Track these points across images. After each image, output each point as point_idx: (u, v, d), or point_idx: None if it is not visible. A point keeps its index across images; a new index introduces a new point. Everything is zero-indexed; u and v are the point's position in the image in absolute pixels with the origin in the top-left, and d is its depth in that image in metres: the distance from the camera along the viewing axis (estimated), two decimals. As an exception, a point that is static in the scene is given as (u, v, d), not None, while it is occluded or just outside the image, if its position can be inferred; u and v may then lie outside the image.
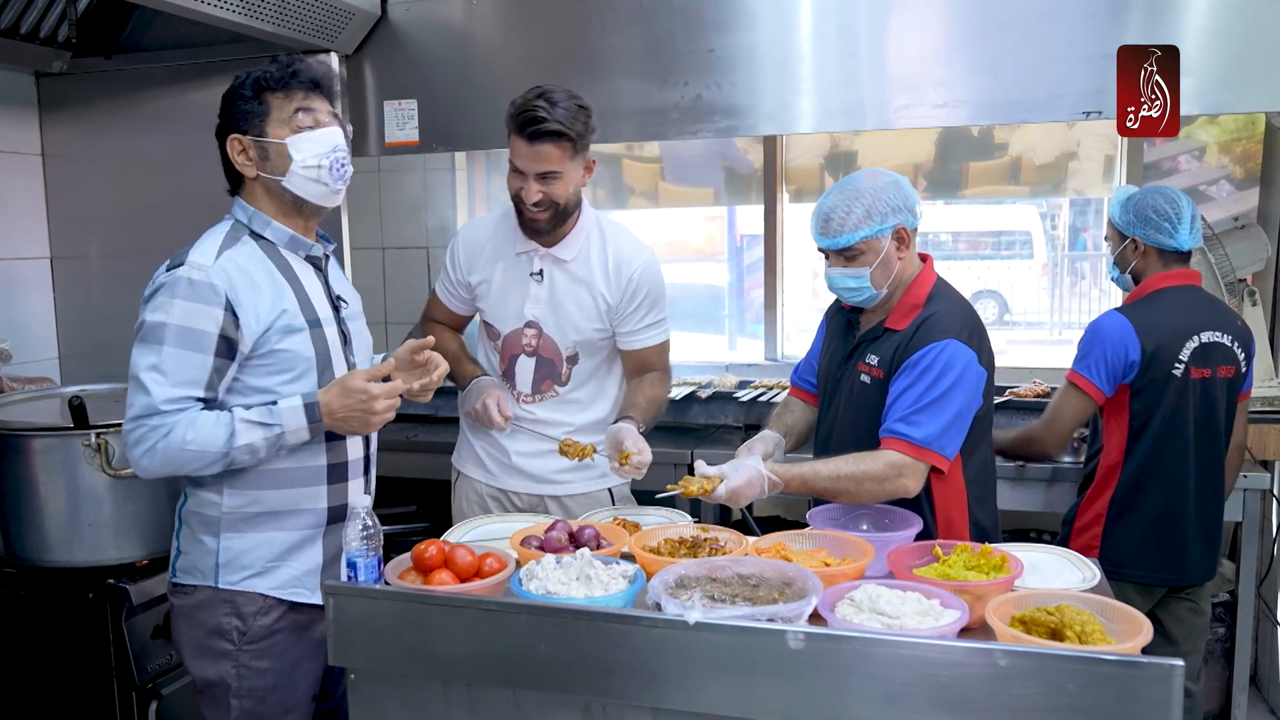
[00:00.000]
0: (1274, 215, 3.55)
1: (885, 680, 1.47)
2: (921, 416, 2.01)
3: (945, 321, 2.08)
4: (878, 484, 2.01)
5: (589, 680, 1.61)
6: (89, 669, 2.44)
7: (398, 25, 3.14)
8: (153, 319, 1.83)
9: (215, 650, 1.97)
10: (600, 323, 2.44)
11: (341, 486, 2.03)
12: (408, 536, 3.27)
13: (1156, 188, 2.62)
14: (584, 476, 2.51)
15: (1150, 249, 2.57)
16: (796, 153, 4.06)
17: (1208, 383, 2.50)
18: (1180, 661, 1.37)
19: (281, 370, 1.91)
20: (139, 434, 1.83)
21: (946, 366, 2.02)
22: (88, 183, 3.33)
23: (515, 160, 2.32)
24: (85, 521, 2.41)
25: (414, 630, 1.70)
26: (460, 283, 2.54)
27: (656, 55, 2.94)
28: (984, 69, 2.75)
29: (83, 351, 3.32)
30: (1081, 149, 3.83)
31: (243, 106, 1.92)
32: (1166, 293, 2.55)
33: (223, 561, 1.95)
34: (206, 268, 1.85)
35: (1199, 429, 2.51)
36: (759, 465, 2.01)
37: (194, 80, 3.17)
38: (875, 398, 2.13)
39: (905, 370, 2.06)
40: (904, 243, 2.11)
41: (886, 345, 2.14)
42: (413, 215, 4.28)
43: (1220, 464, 2.58)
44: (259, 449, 1.87)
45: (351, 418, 1.90)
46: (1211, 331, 2.50)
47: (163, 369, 1.81)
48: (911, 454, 2.01)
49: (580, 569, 1.74)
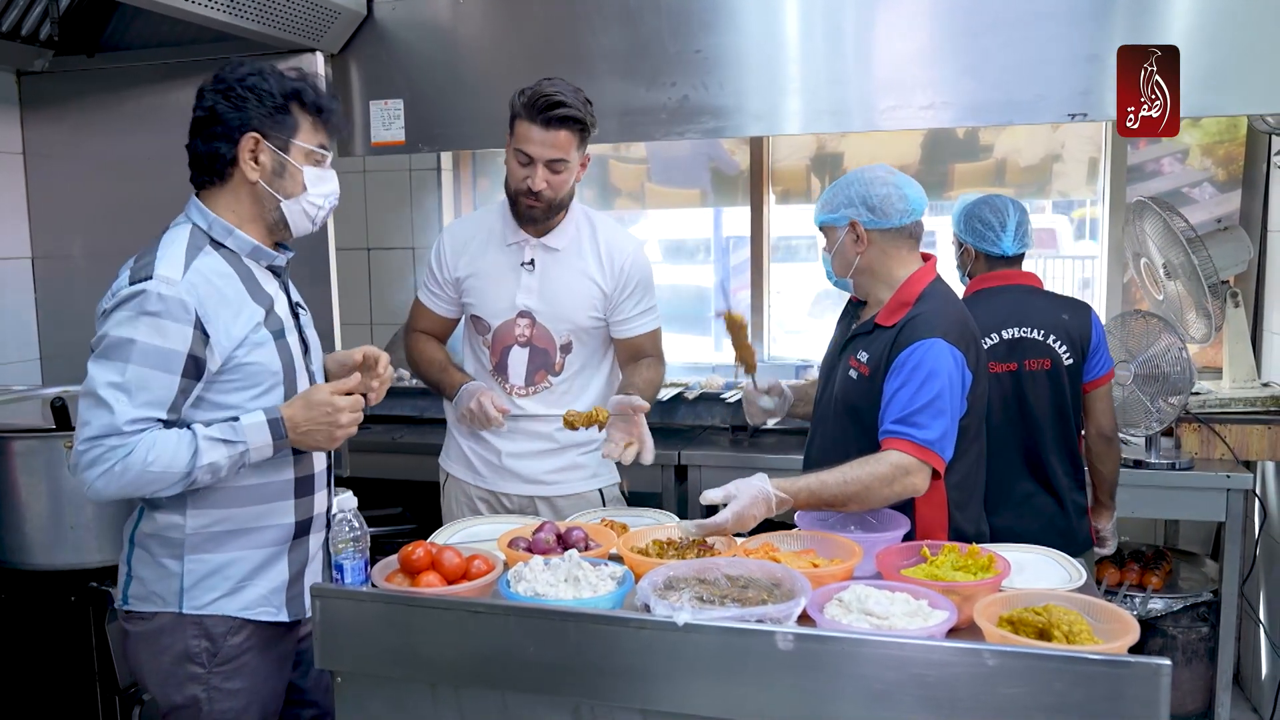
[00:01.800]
0: (1256, 217, 3.58)
1: (874, 680, 1.48)
2: (921, 418, 2.00)
3: (932, 321, 2.07)
4: (886, 485, 1.97)
5: (578, 682, 1.61)
6: (71, 673, 2.42)
7: (383, 24, 3.12)
8: (118, 334, 1.74)
9: (184, 675, 1.89)
10: (595, 310, 2.45)
11: (308, 500, 1.98)
12: (394, 539, 3.25)
13: (989, 197, 2.72)
14: (574, 477, 2.51)
15: (980, 254, 2.70)
16: (783, 154, 4.07)
17: (1016, 375, 2.60)
18: (1167, 661, 1.37)
19: (249, 385, 1.85)
20: (95, 454, 1.73)
21: (935, 366, 2.02)
22: (70, 182, 3.30)
23: (525, 147, 2.31)
24: (67, 524, 2.39)
25: (401, 632, 1.69)
26: (447, 281, 2.53)
27: (643, 56, 2.94)
28: (970, 71, 2.76)
29: (64, 352, 3.29)
30: (1066, 151, 3.85)
31: (270, 108, 1.84)
32: (980, 294, 2.67)
33: (188, 585, 1.87)
34: (175, 282, 1.76)
35: (1012, 421, 2.59)
36: (765, 484, 1.94)
37: (178, 79, 3.14)
38: (859, 394, 2.15)
39: (895, 370, 2.06)
40: (860, 238, 2.14)
41: (876, 343, 2.14)
42: (398, 216, 4.26)
43: (1052, 450, 2.62)
44: (221, 467, 1.79)
45: (317, 431, 1.85)
46: (1018, 327, 2.60)
47: (126, 388, 1.72)
48: (915, 454, 1.99)
49: (568, 570, 1.73)
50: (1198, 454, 3.21)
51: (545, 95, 2.28)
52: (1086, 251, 3.93)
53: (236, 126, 1.83)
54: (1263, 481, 3.42)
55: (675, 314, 4.22)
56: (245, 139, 1.84)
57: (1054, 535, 2.41)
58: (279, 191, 1.88)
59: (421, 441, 3.60)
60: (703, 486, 3.32)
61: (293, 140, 1.87)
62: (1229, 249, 3.32)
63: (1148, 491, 3.11)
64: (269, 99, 1.84)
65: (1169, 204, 3.33)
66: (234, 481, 1.86)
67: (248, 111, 1.83)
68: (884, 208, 2.13)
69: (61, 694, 2.43)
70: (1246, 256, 3.37)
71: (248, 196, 1.89)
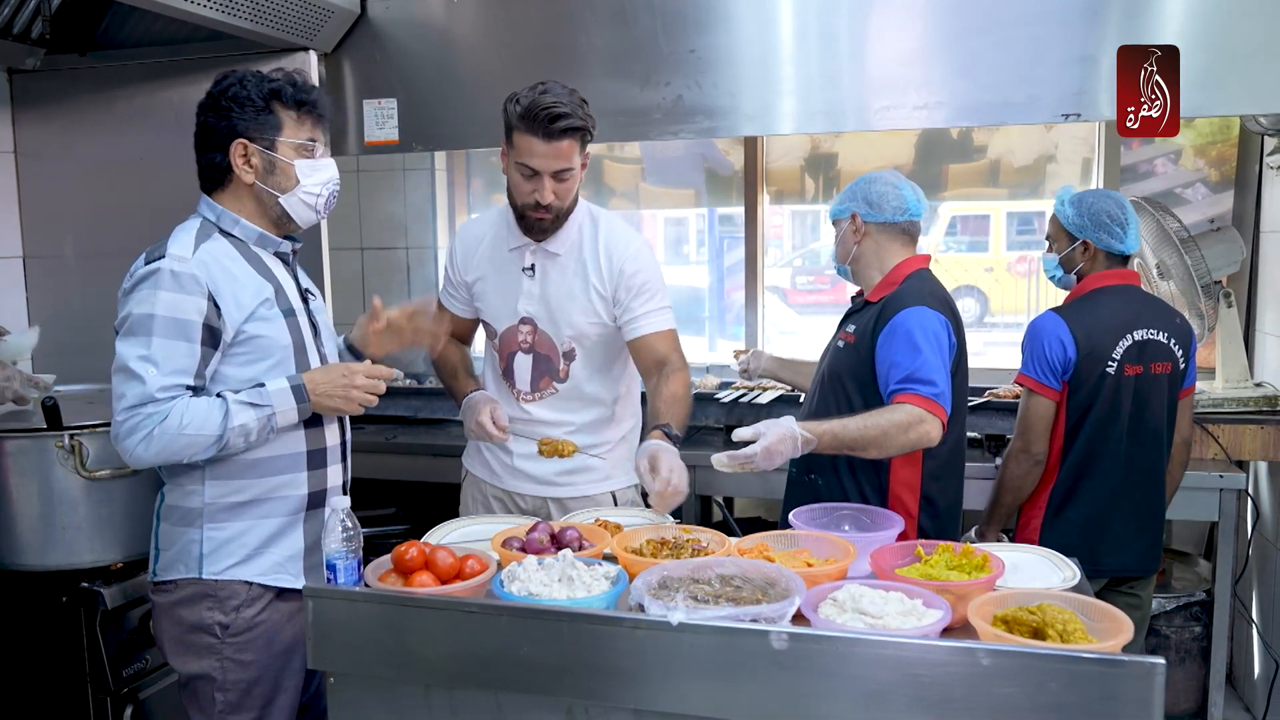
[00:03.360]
0: (1248, 217, 3.59)
1: (869, 680, 1.47)
2: (923, 374, 2.16)
3: (916, 292, 2.29)
4: (902, 432, 2.13)
5: (571, 682, 1.61)
6: (63, 674, 2.41)
7: (377, 23, 3.12)
8: (140, 311, 1.86)
9: (199, 645, 1.98)
10: (595, 315, 2.39)
11: (321, 472, 2.06)
12: (388, 539, 3.25)
13: (1104, 192, 2.66)
14: (586, 479, 2.47)
15: (1099, 251, 2.60)
16: (777, 154, 4.07)
17: (1141, 379, 2.54)
18: (1161, 660, 1.38)
19: (261, 358, 1.95)
20: (134, 422, 1.84)
21: (926, 329, 2.20)
22: (62, 181, 3.29)
23: (528, 160, 2.21)
24: (59, 524, 2.38)
25: (395, 633, 1.68)
26: (460, 283, 2.51)
27: (638, 56, 2.94)
28: (963, 71, 2.77)
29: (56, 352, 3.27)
30: (1059, 151, 3.86)
31: (252, 113, 1.94)
32: (1103, 292, 2.59)
33: (206, 552, 1.97)
34: (187, 259, 1.88)
35: (1133, 424, 2.55)
36: (792, 424, 2.10)
37: (170, 78, 3.13)
38: (843, 363, 2.37)
39: (887, 337, 2.24)
40: (859, 229, 2.39)
41: (863, 316, 2.36)
42: (391, 215, 4.26)
43: (1159, 459, 2.61)
44: (251, 430, 1.90)
45: (334, 393, 1.96)
46: (1146, 329, 2.54)
47: (153, 359, 1.84)
48: (925, 406, 2.14)
49: (562, 570, 1.73)
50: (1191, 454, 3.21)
51: (545, 107, 2.16)
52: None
53: (225, 136, 1.95)
54: (1255, 481, 3.43)
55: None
56: (234, 146, 1.95)
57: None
58: (275, 188, 1.98)
59: (416, 442, 3.59)
60: (698, 488, 3.33)
61: (278, 138, 1.97)
62: (1222, 249, 3.33)
63: (1141, 491, 3.11)
64: (250, 104, 1.94)
65: (1162, 204, 3.34)
66: (250, 455, 1.95)
67: (232, 120, 1.94)
68: (880, 203, 2.37)
69: (53, 695, 2.42)
70: (1239, 257, 3.38)
71: (248, 197, 2.00)
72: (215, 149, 1.96)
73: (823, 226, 4.49)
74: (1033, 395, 2.55)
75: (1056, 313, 2.57)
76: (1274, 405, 3.25)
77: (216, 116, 1.95)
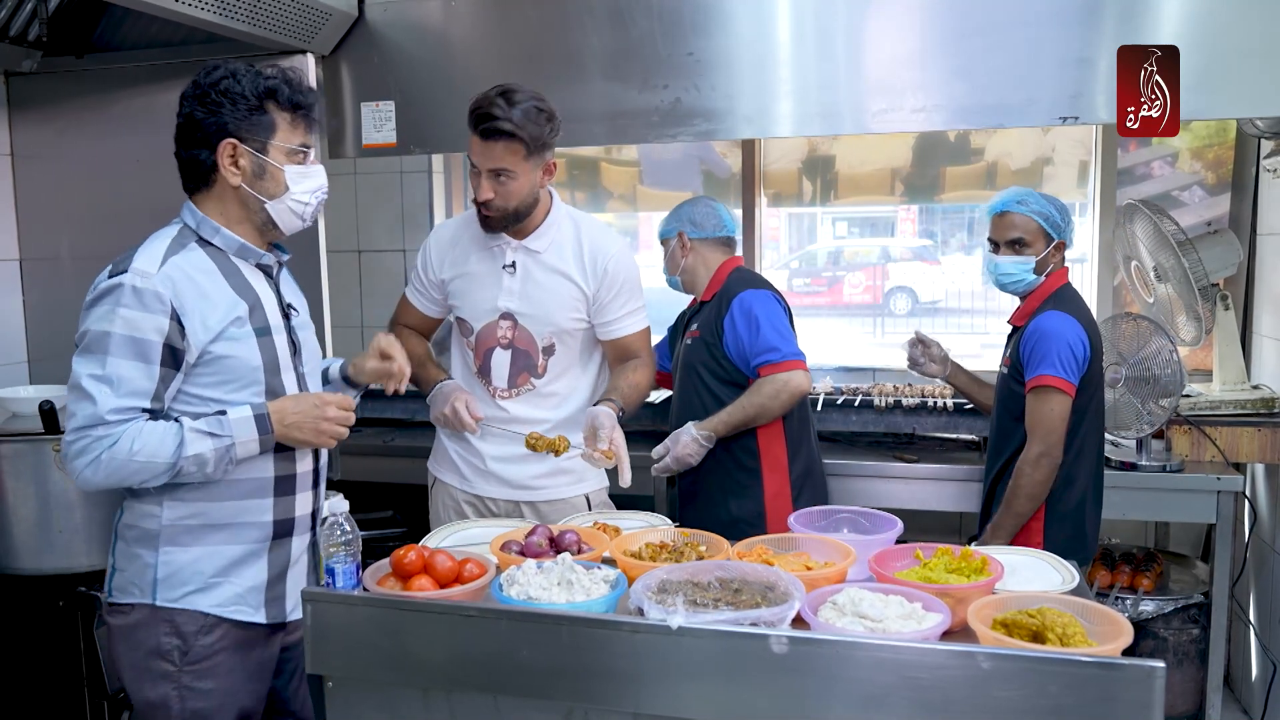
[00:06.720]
0: (1245, 220, 3.60)
1: (868, 684, 1.47)
2: (773, 343, 2.61)
3: (745, 279, 2.77)
4: (773, 400, 2.61)
5: (571, 686, 1.60)
6: (59, 677, 2.40)
7: (375, 26, 3.11)
8: (97, 328, 1.77)
9: (155, 671, 1.87)
10: (577, 312, 2.43)
11: (289, 499, 1.95)
12: (386, 542, 3.24)
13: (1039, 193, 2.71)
14: (560, 482, 2.49)
15: (1061, 243, 2.67)
16: (774, 156, 4.07)
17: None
18: (1161, 664, 1.37)
19: (228, 380, 1.85)
20: (82, 444, 1.76)
21: (762, 306, 2.65)
22: (58, 183, 3.28)
23: (471, 155, 2.33)
24: (55, 528, 2.38)
25: (393, 637, 1.68)
26: (432, 282, 2.53)
27: (635, 58, 2.94)
28: (961, 74, 2.77)
29: (52, 354, 3.26)
30: (1056, 154, 3.87)
31: (245, 111, 1.83)
32: (1070, 289, 2.68)
33: (161, 577, 1.86)
34: (151, 275, 1.78)
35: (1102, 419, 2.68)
36: (690, 429, 2.63)
37: (167, 80, 3.12)
38: (693, 355, 2.77)
39: (731, 323, 2.66)
40: (685, 246, 2.85)
41: (703, 313, 2.80)
42: (389, 218, 4.25)
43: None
44: (208, 460, 1.80)
45: (303, 424, 1.87)
46: None
47: (107, 379, 1.75)
48: (784, 368, 2.60)
49: (561, 574, 1.72)
50: (1188, 456, 3.22)
51: (480, 108, 2.26)
52: (1077, 254, 3.94)
53: (213, 133, 1.83)
54: (1253, 483, 3.43)
55: (664, 318, 4.21)
56: (223, 145, 1.84)
57: None
58: (262, 194, 1.88)
59: (413, 445, 3.58)
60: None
61: (271, 141, 1.86)
62: (1219, 252, 3.33)
63: (1138, 494, 3.11)
64: (243, 102, 1.83)
65: (1159, 207, 3.34)
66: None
67: (222, 116, 1.83)
68: (703, 222, 2.84)
69: (50, 699, 2.42)
70: (1236, 259, 3.38)
71: (233, 200, 1.89)
72: (201, 145, 1.84)
73: (820, 229, 4.50)
74: (1056, 396, 2.53)
75: (1063, 312, 2.58)
76: (1271, 408, 3.25)
77: (205, 111, 1.82)
